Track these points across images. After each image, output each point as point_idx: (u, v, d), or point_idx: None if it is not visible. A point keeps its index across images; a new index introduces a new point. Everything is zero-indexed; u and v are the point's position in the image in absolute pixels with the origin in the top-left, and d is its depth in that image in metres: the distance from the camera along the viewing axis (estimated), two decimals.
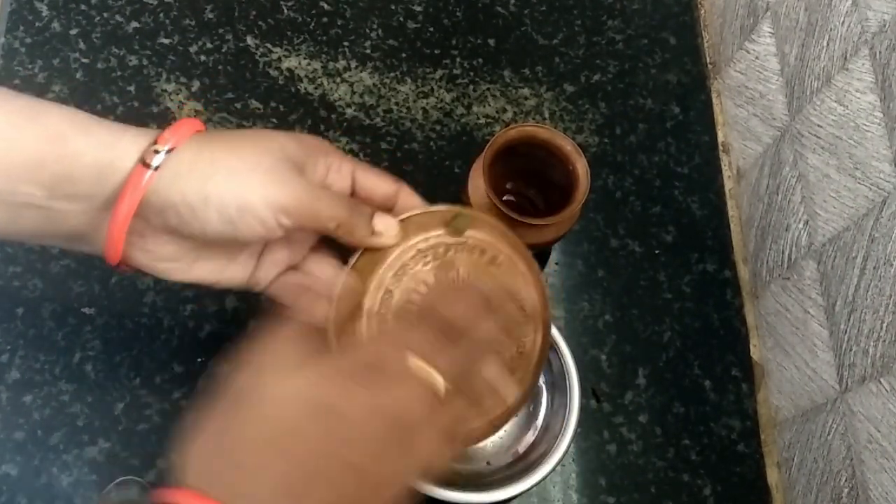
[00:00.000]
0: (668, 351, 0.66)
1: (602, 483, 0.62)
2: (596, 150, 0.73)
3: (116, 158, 0.38)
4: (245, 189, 0.38)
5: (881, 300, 0.52)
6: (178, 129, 0.39)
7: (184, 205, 0.38)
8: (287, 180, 0.39)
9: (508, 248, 0.46)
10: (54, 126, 0.37)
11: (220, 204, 0.38)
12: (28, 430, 0.58)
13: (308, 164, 0.42)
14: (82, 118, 0.38)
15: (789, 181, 0.65)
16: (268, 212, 0.39)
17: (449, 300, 0.40)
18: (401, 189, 0.46)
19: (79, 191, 0.38)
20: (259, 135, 0.41)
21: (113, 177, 0.38)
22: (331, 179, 0.44)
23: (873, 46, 0.54)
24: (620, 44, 0.78)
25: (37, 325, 0.61)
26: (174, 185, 0.38)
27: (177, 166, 0.38)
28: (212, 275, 0.44)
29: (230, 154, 0.39)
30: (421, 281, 0.45)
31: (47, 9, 0.71)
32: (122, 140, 0.38)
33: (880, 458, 0.52)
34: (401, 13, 0.76)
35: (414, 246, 0.44)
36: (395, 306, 0.44)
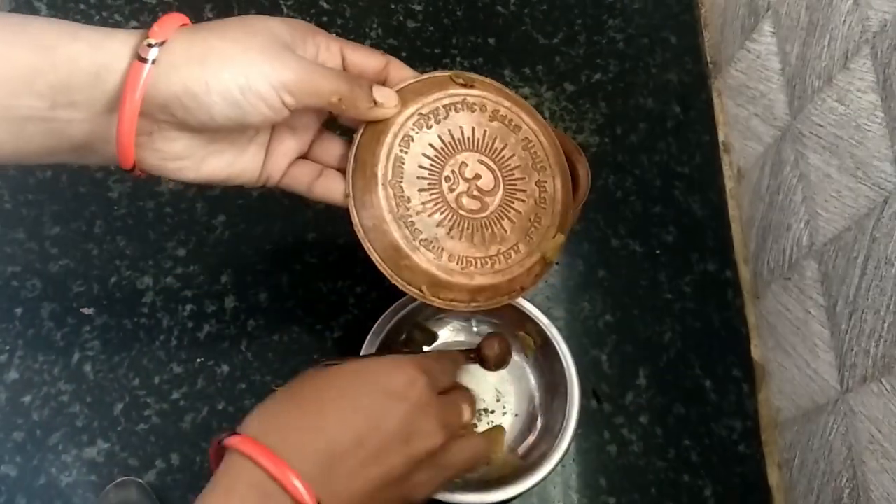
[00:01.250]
0: (668, 351, 0.66)
1: (602, 484, 0.62)
2: (596, 150, 0.73)
3: (111, 58, 0.37)
4: (244, 69, 0.38)
5: (882, 300, 0.52)
6: (165, 22, 0.39)
7: (186, 94, 0.38)
8: (283, 58, 0.40)
9: (508, 101, 0.47)
10: (43, 35, 0.37)
11: (222, 88, 0.38)
12: (27, 430, 0.58)
13: (297, 44, 0.42)
14: (70, 24, 0.38)
15: (790, 181, 0.64)
16: (270, 89, 0.39)
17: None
18: (390, 62, 0.47)
19: (78, 97, 0.38)
20: (245, 19, 0.41)
21: (110, 78, 0.38)
22: (322, 58, 0.44)
23: (874, 46, 0.54)
24: (621, 43, 0.78)
25: (36, 326, 0.61)
26: (173, 75, 0.37)
27: (172, 57, 0.37)
28: (223, 170, 0.44)
29: (222, 39, 0.39)
30: (428, 144, 0.46)
31: (46, 8, 0.71)
32: (113, 40, 0.38)
33: (881, 459, 0.52)
34: (400, 12, 0.76)
35: (415, 112, 0.45)
36: (408, 172, 0.45)
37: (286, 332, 0.63)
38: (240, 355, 0.62)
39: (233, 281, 0.64)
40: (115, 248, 0.64)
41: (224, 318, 0.63)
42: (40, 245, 0.63)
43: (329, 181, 0.47)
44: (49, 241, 0.63)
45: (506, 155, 0.47)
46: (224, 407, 0.60)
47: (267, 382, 0.61)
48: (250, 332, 0.62)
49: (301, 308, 0.64)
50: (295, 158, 0.47)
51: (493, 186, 0.47)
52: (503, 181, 0.47)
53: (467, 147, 0.47)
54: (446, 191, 0.46)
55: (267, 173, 0.46)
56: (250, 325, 0.63)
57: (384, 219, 0.44)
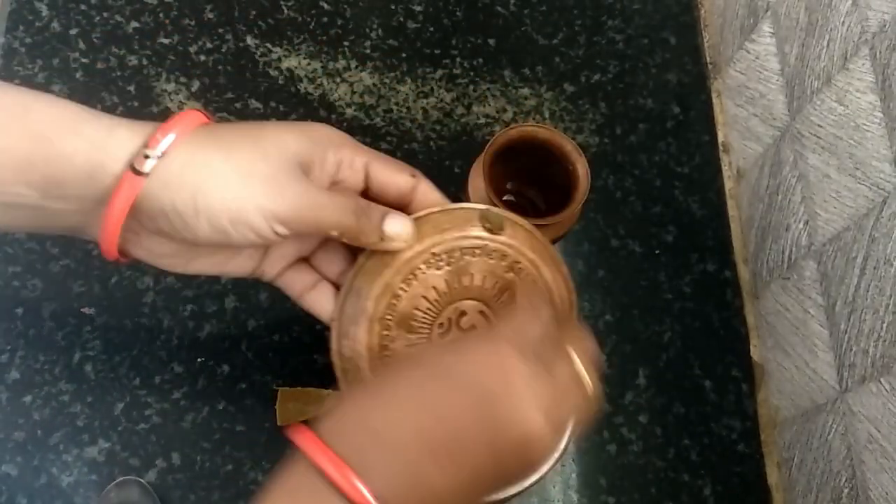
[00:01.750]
0: (668, 351, 0.66)
1: (602, 483, 0.62)
2: (596, 150, 0.73)
3: (107, 160, 0.36)
4: (238, 199, 0.36)
5: (881, 300, 0.52)
6: (172, 126, 0.37)
7: (174, 213, 0.36)
8: (285, 188, 0.37)
9: (533, 253, 0.44)
10: (42, 126, 0.36)
11: (210, 215, 0.36)
12: (28, 430, 0.58)
13: (316, 162, 0.40)
14: (72, 115, 0.37)
15: (789, 181, 0.65)
16: (262, 222, 0.37)
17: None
18: (419, 183, 0.43)
19: (70, 192, 0.37)
20: (261, 133, 0.39)
21: (104, 178, 0.36)
22: (342, 175, 0.41)
23: (873, 46, 0.54)
24: (620, 44, 0.78)
25: (36, 325, 0.61)
26: (164, 192, 0.36)
27: (167, 174, 0.36)
28: (214, 269, 0.43)
29: (225, 159, 0.37)
30: (431, 286, 0.43)
31: (47, 9, 0.71)
32: (112, 138, 0.36)
33: (880, 458, 0.52)
34: (401, 13, 0.76)
35: (428, 249, 0.42)
36: (401, 312, 0.42)
37: (286, 332, 0.63)
38: (240, 355, 0.62)
39: (233, 281, 0.64)
40: None
41: (224, 317, 0.63)
42: (41, 245, 0.63)
43: (321, 296, 0.45)
44: (50, 240, 0.63)
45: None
46: (225, 406, 0.60)
47: (267, 382, 0.61)
48: (251, 331, 0.62)
49: (301, 309, 0.64)
50: (293, 261, 0.45)
51: None
52: None
53: (472, 296, 0.43)
54: (436, 338, 0.43)
55: (261, 271, 0.44)
56: (251, 324, 0.63)
57: (362, 354, 0.42)
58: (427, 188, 0.43)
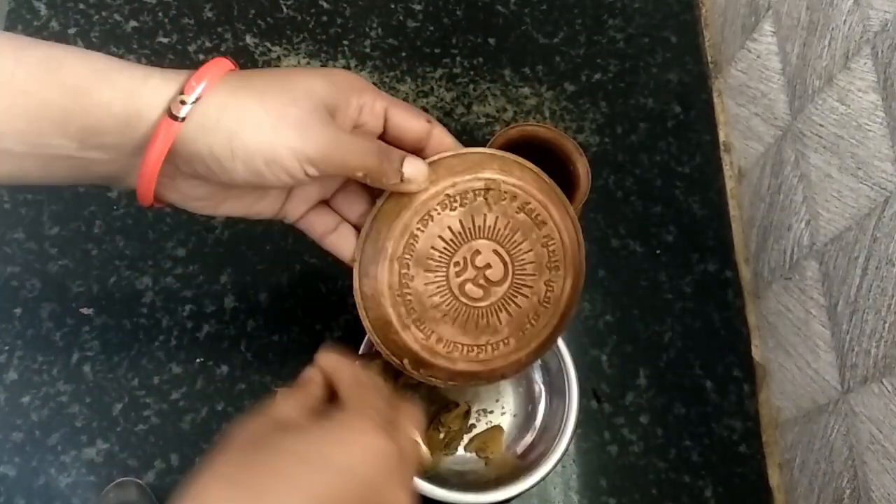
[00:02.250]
0: (669, 351, 0.66)
1: (603, 484, 0.61)
2: (597, 150, 0.73)
3: (143, 107, 0.37)
4: (271, 141, 0.38)
5: (883, 300, 0.52)
6: (205, 73, 0.38)
7: (210, 157, 0.38)
8: (314, 130, 0.39)
9: (542, 194, 0.46)
10: (77, 77, 0.37)
11: (246, 157, 0.38)
12: (26, 430, 0.58)
13: (340, 106, 0.41)
14: (105, 65, 0.38)
15: (791, 181, 0.64)
16: (295, 163, 0.38)
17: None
18: (434, 128, 0.45)
19: (108, 140, 0.38)
20: (288, 78, 0.40)
21: (140, 125, 0.37)
22: (363, 119, 0.43)
23: (875, 46, 0.54)
24: (621, 43, 0.78)
25: (35, 326, 0.61)
26: (200, 137, 0.37)
27: (203, 118, 0.37)
28: (241, 210, 0.44)
29: (257, 103, 0.38)
30: (446, 226, 0.45)
31: (45, 8, 0.71)
32: (147, 87, 0.37)
33: (882, 459, 0.52)
34: (400, 12, 0.76)
35: (442, 191, 0.44)
36: (419, 251, 0.44)
37: (286, 332, 0.63)
38: (239, 355, 0.62)
39: (232, 281, 0.64)
40: (114, 248, 0.64)
41: (223, 318, 0.63)
42: (39, 245, 0.63)
43: (342, 238, 0.46)
44: (48, 241, 0.63)
45: (522, 249, 0.46)
46: (223, 407, 0.60)
47: (266, 383, 0.61)
48: (250, 332, 0.62)
49: (301, 308, 0.64)
50: (315, 204, 0.47)
51: (501, 278, 0.46)
52: (512, 275, 0.46)
53: (486, 235, 0.46)
54: (452, 276, 0.45)
55: (285, 212, 0.46)
56: (250, 325, 0.63)
57: (383, 293, 0.44)
58: (441, 133, 0.45)
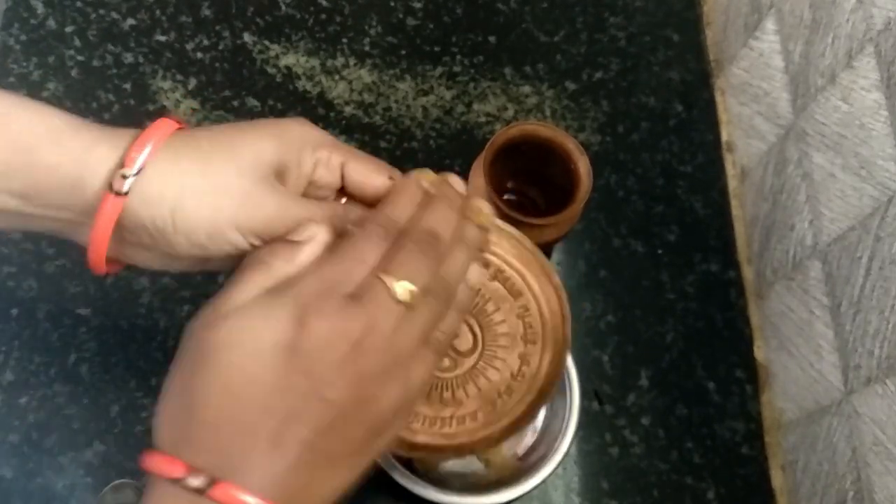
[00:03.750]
0: (670, 352, 0.66)
1: (604, 486, 0.61)
2: (598, 149, 0.72)
3: (88, 176, 0.36)
4: (213, 215, 0.37)
5: (887, 301, 0.52)
6: (148, 138, 0.37)
7: (153, 229, 0.37)
8: (260, 202, 0.38)
9: (519, 263, 0.43)
10: (23, 136, 0.36)
11: (188, 231, 0.37)
12: (23, 432, 0.58)
13: (291, 165, 0.40)
14: (54, 126, 0.37)
15: (794, 180, 0.64)
16: (237, 236, 0.38)
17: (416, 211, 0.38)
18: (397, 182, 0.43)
19: (52, 201, 0.37)
20: (235, 142, 0.39)
21: (85, 193, 0.37)
22: (319, 175, 0.42)
23: (878, 44, 0.53)
24: (623, 41, 0.77)
25: (32, 326, 0.60)
26: (143, 209, 0.37)
27: (145, 189, 0.36)
28: (195, 268, 0.43)
29: (199, 174, 0.37)
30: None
31: (43, 6, 0.71)
32: (92, 155, 0.37)
33: (885, 461, 0.51)
34: (400, 10, 0.76)
35: None
36: None
37: None
38: None
39: None
40: None
41: None
42: (36, 245, 0.63)
43: None
44: (45, 241, 0.63)
45: (495, 319, 0.44)
46: None
47: None
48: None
49: None
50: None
51: (470, 349, 0.44)
52: (483, 346, 0.44)
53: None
54: None
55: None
56: None
57: None
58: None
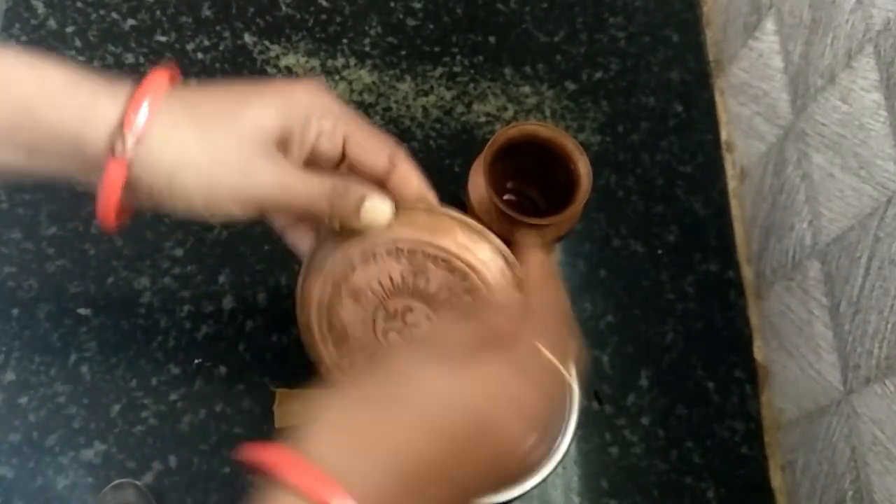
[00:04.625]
0: (670, 352, 0.66)
1: (604, 486, 0.61)
2: (598, 149, 0.72)
3: (88, 133, 0.37)
4: (209, 186, 0.37)
5: (886, 301, 0.52)
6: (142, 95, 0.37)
7: (151, 192, 0.37)
8: (258, 173, 0.38)
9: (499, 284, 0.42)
10: (23, 96, 0.36)
11: (184, 198, 0.37)
12: (23, 432, 0.58)
13: (294, 133, 0.39)
14: (55, 84, 0.37)
15: (793, 180, 0.64)
16: (234, 206, 0.38)
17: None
18: (397, 167, 0.42)
19: (55, 159, 0.38)
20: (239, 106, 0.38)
21: (86, 149, 0.37)
22: (321, 145, 0.41)
23: (878, 44, 0.53)
24: (622, 41, 0.77)
25: (32, 326, 0.60)
26: (142, 173, 0.37)
27: (145, 154, 0.36)
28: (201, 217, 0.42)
29: (198, 143, 0.37)
30: (387, 274, 0.42)
31: (43, 6, 0.71)
32: (91, 113, 0.37)
33: (885, 461, 0.51)
34: (400, 10, 0.76)
35: (394, 242, 0.41)
36: (354, 283, 0.43)
37: (284, 332, 0.62)
38: (238, 356, 0.61)
39: (231, 281, 0.63)
40: (112, 249, 0.63)
41: (222, 318, 0.62)
42: (37, 245, 0.63)
43: (300, 232, 0.46)
44: (46, 241, 0.63)
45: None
46: (222, 408, 0.60)
47: (265, 384, 0.60)
48: (248, 332, 0.62)
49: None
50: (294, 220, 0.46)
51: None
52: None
53: (423, 300, 0.43)
54: (379, 318, 0.44)
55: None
56: (248, 325, 0.62)
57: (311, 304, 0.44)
58: (407, 172, 0.42)
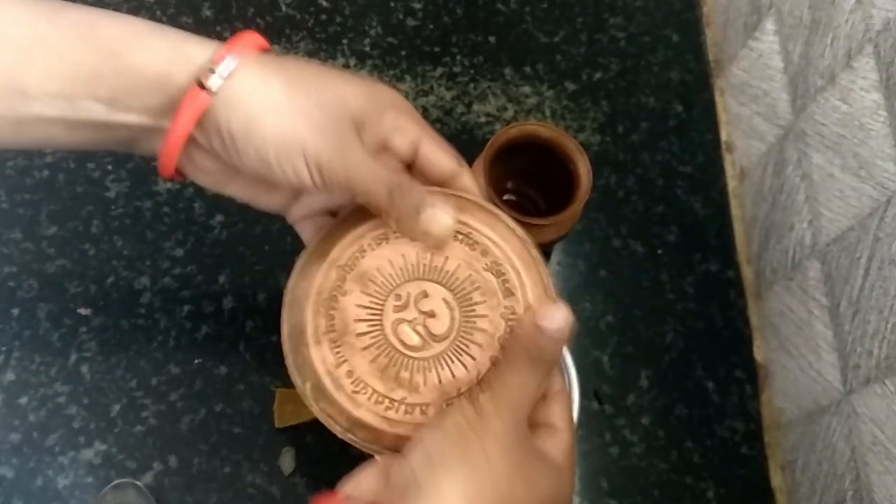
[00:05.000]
0: (670, 352, 0.66)
1: (604, 486, 0.61)
2: (598, 149, 0.72)
3: (175, 72, 0.37)
4: (287, 135, 0.37)
5: (886, 301, 0.52)
6: (235, 44, 0.37)
7: (227, 133, 0.37)
8: (332, 138, 0.38)
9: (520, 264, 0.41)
10: (110, 40, 0.36)
11: (260, 143, 0.37)
12: (23, 432, 0.58)
13: (370, 121, 0.40)
14: (139, 28, 0.37)
15: (793, 180, 0.64)
16: (303, 164, 0.37)
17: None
18: (462, 174, 0.43)
19: (136, 103, 0.37)
20: (324, 78, 0.39)
21: (169, 88, 0.37)
22: (395, 142, 0.41)
23: (878, 44, 0.53)
24: (622, 41, 0.77)
25: (32, 326, 0.60)
26: (223, 111, 0.37)
27: (230, 92, 0.36)
28: (246, 195, 0.43)
29: (285, 94, 0.37)
30: (400, 253, 0.41)
31: None
32: (180, 52, 0.37)
33: (885, 461, 0.51)
34: (400, 10, 0.76)
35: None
36: (363, 268, 0.41)
37: None
38: (238, 356, 0.61)
39: (231, 281, 0.63)
40: (112, 249, 0.63)
41: (222, 318, 0.62)
42: (37, 245, 0.63)
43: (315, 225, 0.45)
44: (46, 241, 0.63)
45: (477, 311, 0.40)
46: (222, 408, 0.60)
47: (266, 384, 0.60)
48: (248, 333, 0.62)
49: None
50: (320, 212, 0.45)
51: (444, 334, 0.40)
52: (456, 335, 0.40)
53: (439, 280, 0.41)
54: (389, 308, 0.40)
55: (288, 211, 0.45)
56: (248, 325, 0.62)
57: (309, 296, 0.40)
58: (468, 180, 0.43)
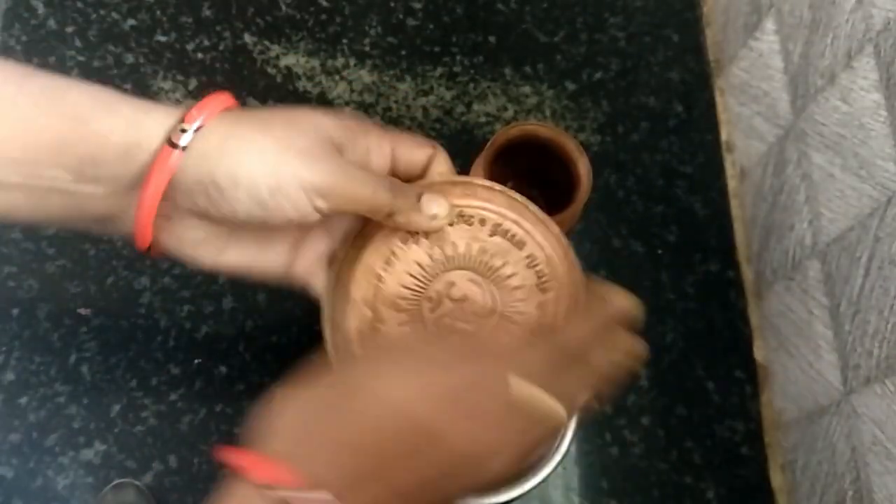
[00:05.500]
0: (670, 352, 0.66)
1: (604, 486, 0.61)
2: (598, 149, 0.72)
3: (143, 138, 0.36)
4: (276, 169, 0.36)
5: (886, 301, 0.52)
6: (206, 105, 0.37)
7: (213, 185, 0.36)
8: (322, 160, 0.37)
9: (514, 213, 0.42)
10: (78, 106, 0.36)
11: (250, 185, 0.36)
12: (23, 432, 0.58)
13: (347, 146, 0.40)
14: (107, 96, 0.37)
15: (793, 180, 0.64)
16: (301, 193, 0.37)
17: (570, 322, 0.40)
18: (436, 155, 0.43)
19: (104, 172, 0.36)
20: (293, 114, 0.39)
21: (139, 156, 0.36)
22: (372, 160, 0.41)
23: (878, 44, 0.53)
24: (623, 41, 0.77)
25: (32, 326, 0.60)
26: (202, 165, 0.36)
27: (205, 146, 0.36)
28: (244, 261, 0.42)
29: (262, 133, 0.37)
30: (413, 262, 0.42)
31: (43, 6, 0.71)
32: (148, 118, 0.36)
33: (885, 461, 0.51)
34: (400, 10, 0.76)
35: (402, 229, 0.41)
36: (387, 293, 0.41)
37: (284, 333, 0.62)
38: (238, 356, 0.61)
39: (231, 281, 0.63)
40: (112, 249, 0.63)
41: (222, 318, 0.62)
42: (37, 245, 0.63)
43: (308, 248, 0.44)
44: (46, 241, 0.63)
45: (505, 273, 0.42)
46: (222, 409, 0.60)
47: (265, 384, 0.60)
48: (248, 332, 0.62)
49: (300, 309, 0.63)
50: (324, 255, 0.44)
51: (489, 309, 0.42)
52: (500, 304, 0.42)
53: (459, 265, 0.42)
54: (426, 313, 0.42)
55: (293, 272, 0.43)
56: (248, 325, 0.62)
57: (351, 340, 0.41)
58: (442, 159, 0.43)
